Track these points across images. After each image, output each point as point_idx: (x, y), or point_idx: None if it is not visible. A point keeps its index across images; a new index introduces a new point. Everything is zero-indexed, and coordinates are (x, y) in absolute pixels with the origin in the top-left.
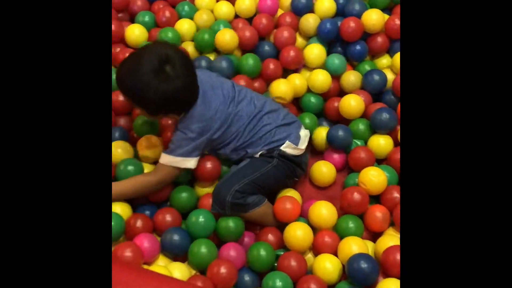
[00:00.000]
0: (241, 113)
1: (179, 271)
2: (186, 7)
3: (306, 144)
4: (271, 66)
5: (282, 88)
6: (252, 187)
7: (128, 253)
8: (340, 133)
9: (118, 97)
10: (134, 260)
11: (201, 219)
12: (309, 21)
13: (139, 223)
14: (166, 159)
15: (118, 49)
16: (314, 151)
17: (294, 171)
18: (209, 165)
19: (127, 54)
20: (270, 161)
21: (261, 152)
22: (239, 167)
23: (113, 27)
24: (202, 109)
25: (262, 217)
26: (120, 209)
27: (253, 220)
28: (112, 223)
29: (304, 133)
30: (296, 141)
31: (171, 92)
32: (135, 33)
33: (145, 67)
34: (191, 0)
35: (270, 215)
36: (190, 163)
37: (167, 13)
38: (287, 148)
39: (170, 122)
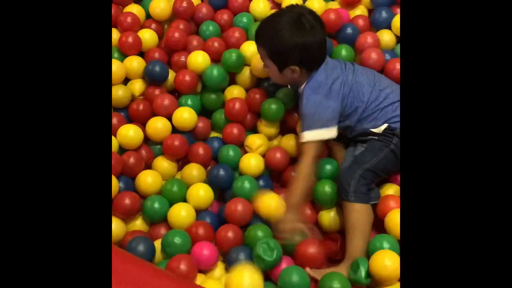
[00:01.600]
0: (362, 81)
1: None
2: None
3: None
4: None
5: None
6: (374, 174)
7: (183, 266)
8: None
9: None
10: (189, 273)
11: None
12: None
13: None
14: (308, 136)
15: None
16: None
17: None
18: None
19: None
20: (389, 142)
21: (384, 127)
22: (357, 153)
23: None
24: (325, 74)
25: (358, 218)
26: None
27: (350, 217)
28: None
29: None
30: None
31: (308, 43)
32: None
33: (285, 20)
34: None
35: (365, 225)
36: (332, 132)
37: None
38: None
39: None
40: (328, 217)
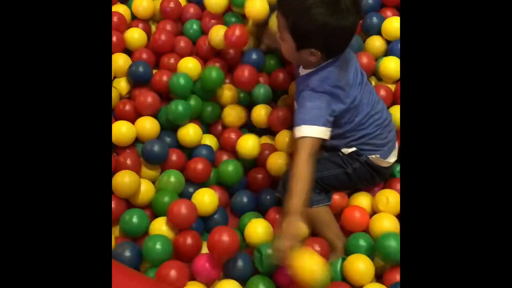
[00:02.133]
0: (363, 100)
1: None
2: None
3: (396, 157)
4: None
5: None
6: (318, 184)
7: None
8: None
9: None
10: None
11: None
12: None
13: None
14: (302, 131)
15: None
16: None
17: (372, 178)
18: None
19: None
20: (348, 165)
21: (352, 150)
22: None
23: None
24: (339, 73)
25: (318, 220)
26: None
27: (312, 221)
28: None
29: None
30: (387, 153)
31: (341, 28)
32: None
33: None
34: None
35: (328, 221)
36: (324, 133)
37: None
38: (375, 159)
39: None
40: None
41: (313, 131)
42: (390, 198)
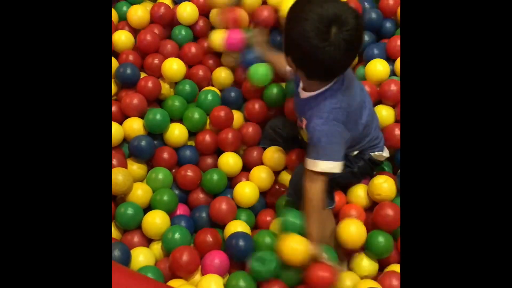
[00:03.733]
0: (363, 121)
1: None
2: None
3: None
4: None
5: None
6: (329, 184)
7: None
8: None
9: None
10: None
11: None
12: None
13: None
14: (320, 167)
15: None
16: None
17: (372, 171)
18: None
19: None
20: (354, 164)
21: (356, 152)
22: None
23: None
24: (348, 97)
25: (325, 222)
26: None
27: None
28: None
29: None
30: (383, 147)
31: (318, 54)
32: None
33: (310, 19)
34: None
35: (330, 224)
36: (337, 165)
37: None
38: (378, 156)
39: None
40: None
41: (331, 167)
42: (384, 183)
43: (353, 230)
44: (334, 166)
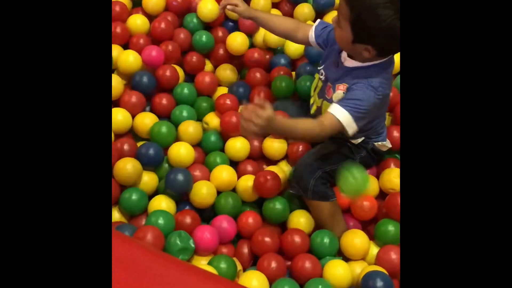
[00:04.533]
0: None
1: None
2: None
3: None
4: None
5: None
6: (330, 176)
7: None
8: None
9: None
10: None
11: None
12: None
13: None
14: (339, 112)
15: None
16: None
17: (373, 161)
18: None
19: None
20: (357, 154)
21: (361, 139)
22: (320, 148)
23: None
24: (390, 80)
25: (333, 214)
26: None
27: (324, 216)
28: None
29: None
30: (385, 137)
31: (398, 31)
32: None
33: None
34: None
35: (340, 216)
36: (353, 129)
37: None
38: (380, 146)
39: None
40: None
41: (350, 125)
42: (394, 177)
43: (357, 242)
44: (351, 127)
